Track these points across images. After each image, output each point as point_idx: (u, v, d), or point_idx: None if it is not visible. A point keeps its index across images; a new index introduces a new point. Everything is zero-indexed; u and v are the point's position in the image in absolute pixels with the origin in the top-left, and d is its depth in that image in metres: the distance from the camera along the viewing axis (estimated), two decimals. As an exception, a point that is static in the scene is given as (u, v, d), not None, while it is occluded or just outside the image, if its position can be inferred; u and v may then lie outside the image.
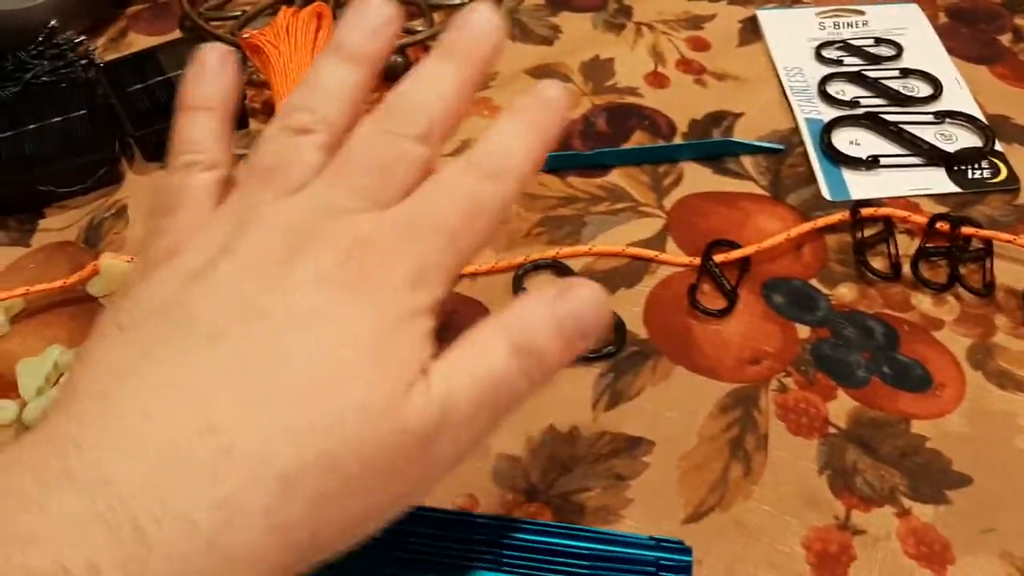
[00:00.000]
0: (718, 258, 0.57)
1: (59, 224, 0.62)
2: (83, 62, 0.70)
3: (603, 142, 0.66)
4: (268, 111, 0.69)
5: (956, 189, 0.61)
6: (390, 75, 0.71)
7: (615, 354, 0.53)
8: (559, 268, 0.58)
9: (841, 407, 0.51)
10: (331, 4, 0.72)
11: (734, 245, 0.58)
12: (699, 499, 0.47)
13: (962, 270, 0.57)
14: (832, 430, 0.50)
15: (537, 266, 0.58)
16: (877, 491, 0.47)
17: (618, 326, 0.54)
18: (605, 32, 0.74)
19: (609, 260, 0.58)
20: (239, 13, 0.74)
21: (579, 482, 0.48)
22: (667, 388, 0.52)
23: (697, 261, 0.57)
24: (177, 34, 0.76)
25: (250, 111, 0.69)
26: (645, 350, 0.54)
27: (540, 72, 0.71)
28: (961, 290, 0.56)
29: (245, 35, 0.65)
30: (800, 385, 0.52)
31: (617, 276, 0.58)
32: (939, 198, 0.61)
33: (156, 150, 0.66)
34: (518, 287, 0.57)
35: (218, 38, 0.71)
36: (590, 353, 0.53)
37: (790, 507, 0.47)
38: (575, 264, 0.58)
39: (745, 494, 0.47)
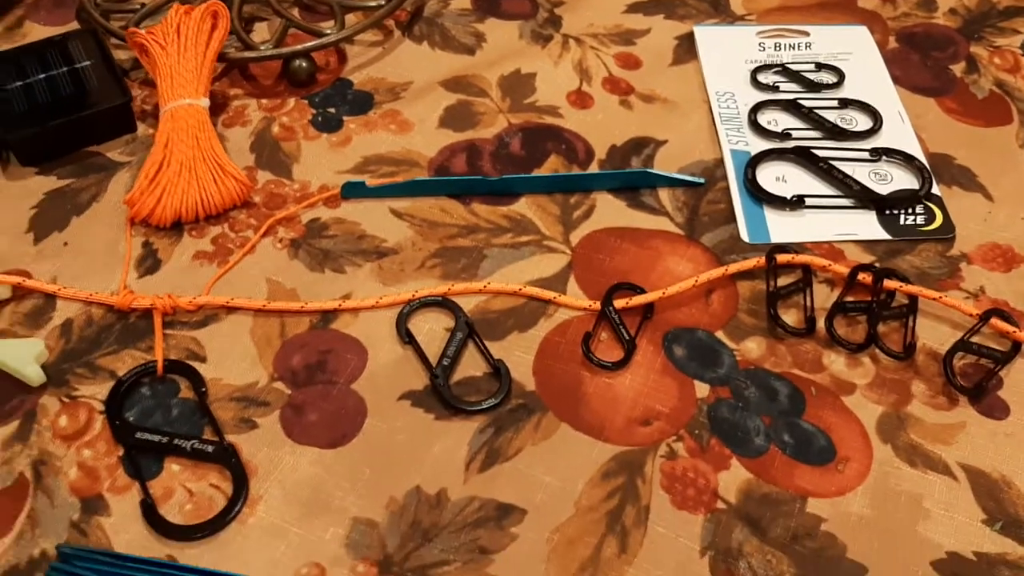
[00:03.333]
0: (619, 303, 0.53)
1: (-82, 232, 0.57)
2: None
3: (515, 166, 0.61)
4: (159, 114, 0.64)
5: (886, 236, 0.57)
6: (294, 79, 0.66)
7: (497, 406, 0.49)
8: (449, 307, 0.53)
9: (733, 479, 0.46)
10: (234, 3, 0.67)
11: (637, 289, 0.54)
12: (567, 579, 0.43)
13: (882, 328, 0.52)
14: (720, 505, 0.45)
15: (425, 303, 0.54)
16: (761, 579, 0.43)
17: (504, 375, 0.50)
18: (531, 43, 0.69)
19: (504, 300, 0.54)
20: (139, 6, 0.68)
21: (439, 554, 0.44)
22: (548, 449, 0.48)
23: (597, 306, 0.53)
24: (75, 25, 0.71)
25: (140, 114, 0.64)
26: (530, 403, 0.49)
27: (455, 84, 0.66)
28: (878, 351, 0.51)
29: (133, 32, 0.60)
30: (691, 451, 0.47)
31: (511, 318, 0.53)
32: (867, 245, 0.57)
33: (33, 154, 0.61)
34: (402, 326, 0.52)
35: (111, 32, 0.66)
36: (471, 405, 0.49)
37: (664, 594, 0.43)
38: (468, 302, 0.54)
39: (617, 575, 0.43)
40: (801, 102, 0.64)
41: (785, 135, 0.62)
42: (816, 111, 0.63)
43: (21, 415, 0.49)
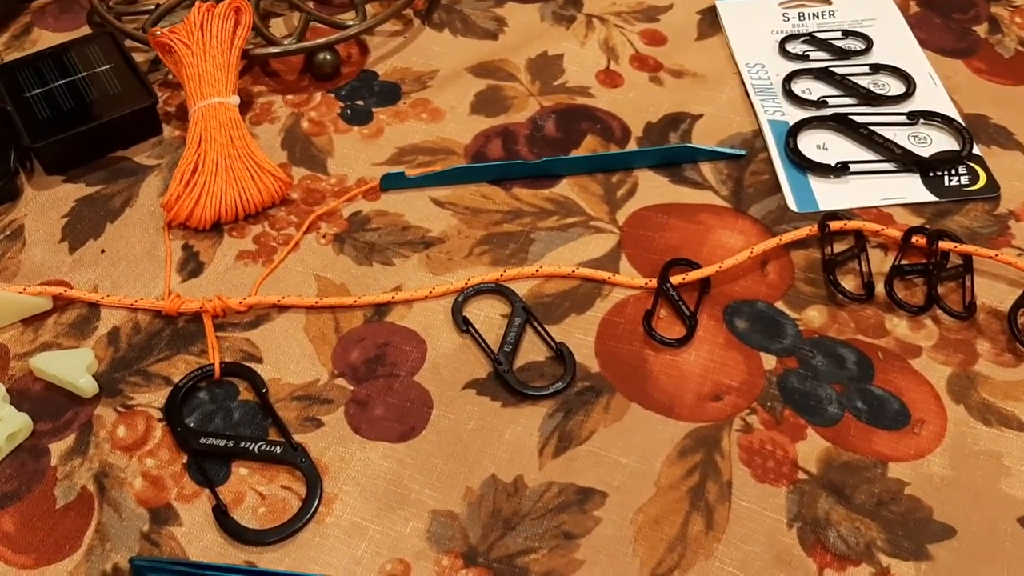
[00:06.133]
0: (676, 279, 0.52)
1: (-53, 248, 0.56)
2: (-22, 63, 0.63)
3: (552, 148, 0.60)
4: (183, 115, 0.62)
5: (932, 198, 0.57)
6: (319, 73, 0.65)
7: (564, 390, 0.48)
8: (503, 293, 0.53)
9: (811, 448, 0.46)
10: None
11: (693, 264, 0.53)
12: (656, 559, 0.42)
13: (940, 289, 0.52)
14: (802, 475, 0.45)
15: (479, 291, 0.53)
16: (852, 547, 0.43)
17: (568, 358, 0.49)
18: (554, 25, 0.69)
19: (558, 283, 0.53)
20: (152, 7, 0.67)
21: (524, 542, 0.43)
22: (621, 429, 0.47)
23: (653, 283, 0.52)
24: (86, 30, 0.69)
25: (164, 116, 0.62)
26: (597, 385, 0.49)
27: (483, 70, 0.65)
28: (939, 312, 0.51)
29: (156, 32, 0.59)
30: (766, 424, 0.47)
31: (567, 300, 0.52)
32: (914, 208, 0.56)
33: (58, 162, 0.59)
34: (458, 315, 0.51)
35: (128, 35, 0.64)
36: (537, 390, 0.48)
37: (758, 567, 0.42)
38: (520, 287, 0.53)
39: (707, 552, 0.43)
40: (833, 70, 0.63)
41: (821, 103, 0.61)
42: (849, 78, 0.63)
43: (77, 428, 0.47)
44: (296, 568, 0.42)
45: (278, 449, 0.46)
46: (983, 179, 0.58)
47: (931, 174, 0.58)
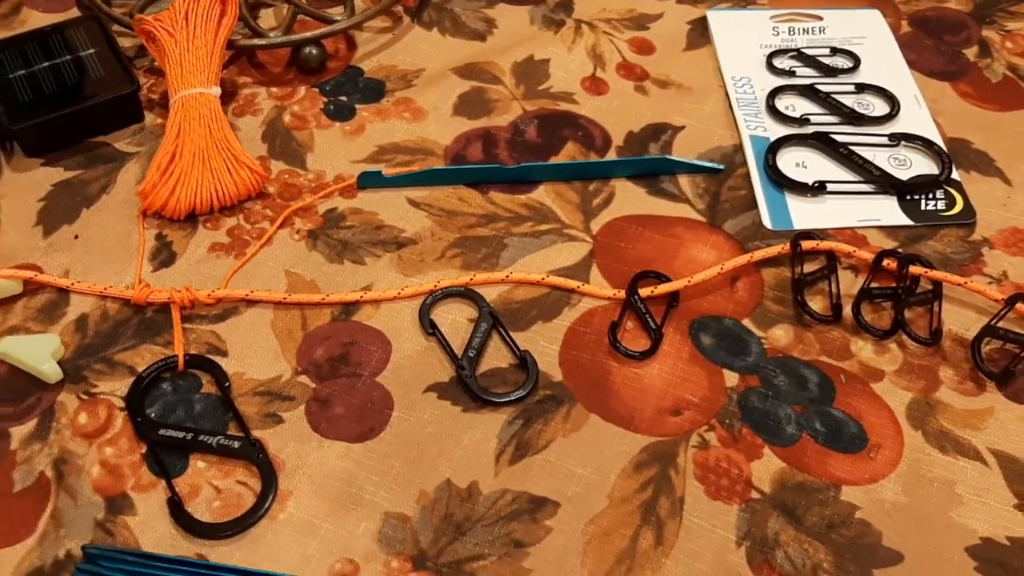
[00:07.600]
0: (644, 292, 0.52)
1: (-77, 226, 0.56)
2: (-37, 42, 0.63)
3: (532, 154, 0.60)
4: (166, 102, 0.62)
5: (907, 221, 0.57)
6: (304, 67, 0.65)
7: (525, 398, 0.49)
8: (471, 297, 0.53)
9: (766, 468, 0.46)
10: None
11: (662, 277, 0.53)
12: (604, 571, 0.43)
13: (908, 314, 0.52)
14: (755, 495, 0.45)
15: (448, 294, 0.53)
16: (799, 568, 0.43)
17: (531, 366, 0.49)
18: (543, 29, 0.68)
19: (527, 289, 0.53)
20: (142, -8, 0.67)
21: (473, 548, 0.43)
22: (578, 440, 0.47)
23: (621, 294, 0.53)
24: (76, 12, 0.69)
25: (147, 103, 0.62)
26: (558, 394, 0.49)
27: (469, 71, 0.65)
28: (905, 337, 0.51)
29: (140, 19, 0.59)
30: (723, 441, 0.47)
31: (534, 308, 0.52)
32: (888, 230, 0.56)
33: (38, 145, 0.59)
34: (425, 317, 0.52)
35: (115, 20, 0.64)
36: (498, 396, 0.48)
37: (703, 585, 0.42)
38: (489, 292, 0.53)
39: (655, 567, 0.43)
40: (818, 87, 0.63)
41: (803, 120, 0.61)
42: (833, 96, 0.63)
43: (39, 413, 0.48)
44: (246, 563, 0.43)
45: (236, 444, 0.46)
46: (960, 204, 0.58)
47: (908, 197, 0.58)
